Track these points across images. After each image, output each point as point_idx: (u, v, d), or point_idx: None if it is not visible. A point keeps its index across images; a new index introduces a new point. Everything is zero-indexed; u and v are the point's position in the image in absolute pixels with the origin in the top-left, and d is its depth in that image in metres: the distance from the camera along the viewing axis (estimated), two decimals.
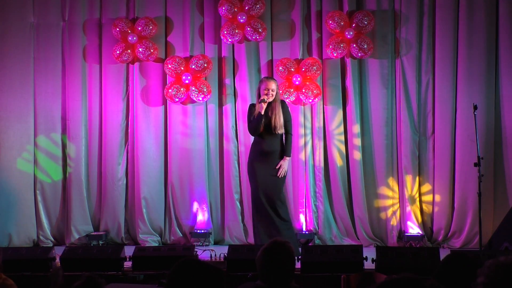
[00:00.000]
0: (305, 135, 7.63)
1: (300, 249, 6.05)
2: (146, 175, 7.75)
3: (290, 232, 6.58)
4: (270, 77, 7.23)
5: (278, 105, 6.57)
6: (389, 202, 7.54)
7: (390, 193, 7.54)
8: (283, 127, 6.60)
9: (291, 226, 6.76)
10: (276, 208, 6.53)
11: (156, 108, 7.81)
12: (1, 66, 7.78)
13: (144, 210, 7.70)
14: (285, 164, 6.61)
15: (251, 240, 7.44)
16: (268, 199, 6.54)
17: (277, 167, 6.55)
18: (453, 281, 3.32)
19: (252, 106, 6.68)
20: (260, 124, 6.51)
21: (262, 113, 6.50)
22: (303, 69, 7.43)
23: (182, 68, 7.55)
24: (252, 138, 6.90)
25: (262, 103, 6.48)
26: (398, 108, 7.56)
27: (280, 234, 6.32)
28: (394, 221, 7.50)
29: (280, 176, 6.58)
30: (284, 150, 6.63)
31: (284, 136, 6.66)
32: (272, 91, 6.53)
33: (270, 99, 6.53)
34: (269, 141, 6.59)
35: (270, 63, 7.70)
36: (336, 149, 7.61)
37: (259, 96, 6.57)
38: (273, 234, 6.39)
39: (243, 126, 7.57)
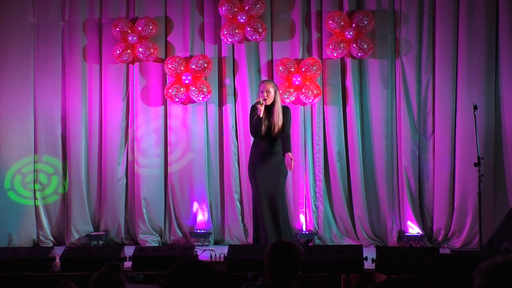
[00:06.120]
0: (305, 135, 7.63)
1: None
2: (146, 175, 7.75)
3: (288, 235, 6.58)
4: (268, 79, 7.27)
5: (277, 108, 6.60)
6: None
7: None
8: (281, 129, 6.62)
9: (289, 230, 6.74)
10: (275, 211, 6.54)
11: (156, 108, 7.81)
12: (1, 66, 7.77)
13: (144, 210, 7.70)
14: (290, 159, 6.54)
15: (251, 240, 7.44)
16: (268, 201, 6.56)
17: (286, 164, 6.52)
18: (444, 282, 3.33)
19: (254, 108, 6.71)
20: (260, 127, 6.55)
21: (261, 115, 6.53)
22: (303, 69, 7.43)
23: (182, 68, 7.55)
24: (252, 138, 6.91)
25: (259, 105, 6.51)
26: (398, 108, 7.56)
27: (278, 237, 6.35)
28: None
29: (291, 169, 6.60)
30: (285, 148, 6.57)
31: (281, 136, 6.61)
32: (268, 92, 6.56)
33: (268, 102, 6.57)
34: (269, 143, 6.62)
35: (270, 63, 7.70)
36: (336, 149, 7.60)
37: (258, 98, 6.62)
38: (271, 235, 6.43)
39: (243, 126, 7.57)
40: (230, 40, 7.50)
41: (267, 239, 6.48)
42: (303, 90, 7.43)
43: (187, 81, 7.50)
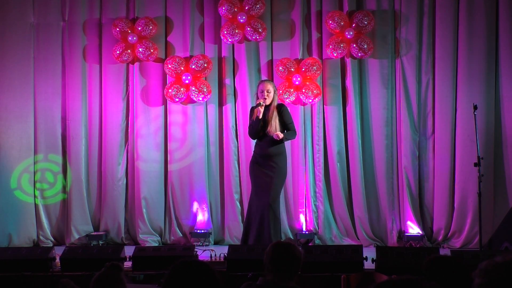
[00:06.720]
0: (305, 135, 7.63)
1: None
2: (146, 175, 7.75)
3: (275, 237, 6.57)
4: (266, 79, 7.28)
5: (272, 107, 6.61)
6: None
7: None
8: (286, 129, 6.66)
9: (276, 234, 6.70)
10: (266, 214, 6.54)
11: (156, 108, 7.81)
12: (1, 66, 7.78)
13: (144, 210, 7.70)
14: (276, 134, 6.51)
15: (251, 240, 7.44)
16: (260, 202, 6.57)
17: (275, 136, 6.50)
18: (440, 284, 3.34)
19: (253, 109, 6.72)
20: (258, 128, 6.56)
21: (260, 117, 6.54)
22: (303, 69, 7.43)
23: (182, 68, 7.55)
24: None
25: (259, 107, 6.52)
26: (398, 108, 7.57)
27: (265, 239, 6.38)
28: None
29: (275, 134, 6.50)
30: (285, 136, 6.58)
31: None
32: (268, 92, 6.58)
33: (268, 102, 6.59)
34: (269, 145, 6.62)
35: (270, 63, 7.70)
36: (336, 149, 7.60)
37: (257, 99, 6.62)
38: (256, 236, 6.46)
39: (243, 126, 7.57)
40: (230, 40, 7.50)
41: (253, 239, 6.51)
42: (303, 90, 7.43)
43: (187, 81, 7.50)
